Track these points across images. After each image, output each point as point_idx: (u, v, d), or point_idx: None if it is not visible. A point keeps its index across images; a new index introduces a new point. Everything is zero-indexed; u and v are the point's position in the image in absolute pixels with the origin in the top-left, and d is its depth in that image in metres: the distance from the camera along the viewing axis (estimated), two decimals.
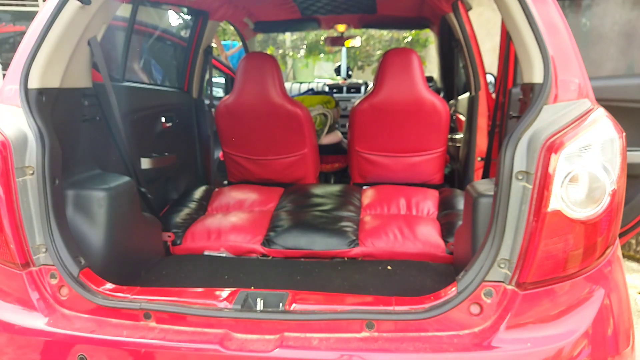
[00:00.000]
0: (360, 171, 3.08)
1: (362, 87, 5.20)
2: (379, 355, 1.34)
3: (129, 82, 2.71)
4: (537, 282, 1.34)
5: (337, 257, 2.17)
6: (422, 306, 1.39)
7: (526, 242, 1.32)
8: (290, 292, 1.51)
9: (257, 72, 2.85)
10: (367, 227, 2.29)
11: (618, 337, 1.37)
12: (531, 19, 1.41)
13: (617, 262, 1.45)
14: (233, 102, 2.92)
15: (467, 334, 1.35)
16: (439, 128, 2.87)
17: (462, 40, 2.92)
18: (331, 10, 3.69)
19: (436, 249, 2.14)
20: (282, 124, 2.92)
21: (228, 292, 1.52)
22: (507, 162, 1.35)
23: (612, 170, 1.28)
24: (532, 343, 1.30)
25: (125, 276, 1.75)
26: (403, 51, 2.86)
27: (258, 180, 3.08)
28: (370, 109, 2.89)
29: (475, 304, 1.37)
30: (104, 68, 1.93)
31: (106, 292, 1.53)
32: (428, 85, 2.87)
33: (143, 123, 2.58)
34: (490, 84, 3.46)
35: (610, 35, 2.64)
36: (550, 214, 1.28)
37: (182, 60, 3.36)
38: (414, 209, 2.54)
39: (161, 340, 1.42)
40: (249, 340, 1.39)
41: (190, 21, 3.38)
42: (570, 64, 1.39)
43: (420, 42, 10.95)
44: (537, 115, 1.36)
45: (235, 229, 2.31)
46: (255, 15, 3.84)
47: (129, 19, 2.65)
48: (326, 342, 1.36)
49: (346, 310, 1.41)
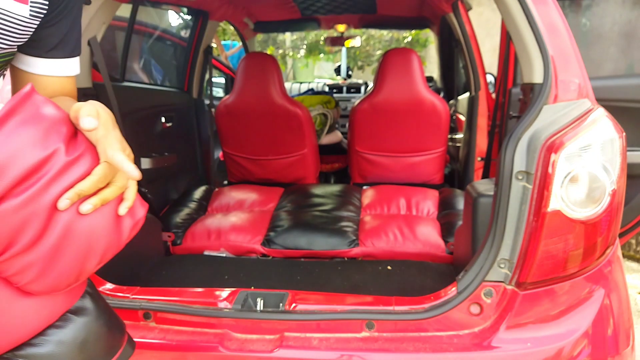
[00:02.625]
0: (360, 171, 3.08)
1: (362, 87, 5.20)
2: (379, 355, 1.34)
3: (129, 82, 2.71)
4: (537, 282, 1.34)
5: (337, 257, 2.17)
6: (422, 306, 1.40)
7: (526, 242, 1.32)
8: (290, 292, 1.51)
9: (257, 72, 2.86)
10: (367, 227, 2.29)
11: (618, 337, 1.37)
12: (531, 19, 1.41)
13: (617, 262, 1.45)
14: (233, 102, 2.92)
15: (467, 334, 1.35)
16: (439, 128, 2.88)
17: (462, 40, 2.92)
18: (331, 10, 3.69)
19: (436, 249, 2.14)
20: (282, 124, 2.92)
21: (228, 292, 1.52)
22: (507, 162, 1.35)
23: (612, 170, 1.28)
24: (532, 343, 1.30)
25: (125, 276, 1.75)
26: (403, 51, 2.86)
27: (258, 180, 3.08)
28: (370, 109, 2.89)
29: (475, 304, 1.37)
30: (104, 68, 1.93)
31: (106, 292, 1.53)
32: (428, 85, 2.87)
33: (143, 123, 2.58)
34: (490, 84, 3.46)
35: (610, 35, 2.64)
36: (550, 214, 1.28)
37: (182, 60, 3.36)
38: (414, 209, 2.54)
39: (161, 340, 1.42)
40: (249, 340, 1.39)
41: (190, 21, 3.38)
42: (570, 64, 1.39)
43: (420, 42, 10.95)
44: (537, 115, 1.36)
45: (235, 229, 2.31)
46: (255, 15, 3.84)
47: (129, 19, 2.65)
48: (326, 342, 1.36)
49: (346, 310, 1.41)
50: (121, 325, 0.88)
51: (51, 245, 0.65)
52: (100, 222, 0.69)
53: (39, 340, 0.73)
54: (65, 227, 0.66)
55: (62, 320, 0.75)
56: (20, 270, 0.66)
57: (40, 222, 0.64)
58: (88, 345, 0.77)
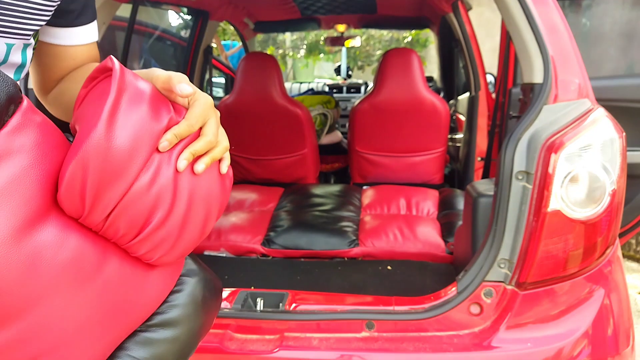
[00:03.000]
0: (360, 171, 3.08)
1: (362, 87, 5.20)
2: (379, 355, 1.34)
3: None
4: (537, 282, 1.34)
5: (337, 257, 2.17)
6: (422, 306, 1.40)
7: (526, 242, 1.32)
8: (290, 292, 1.51)
9: (257, 72, 2.85)
10: (367, 227, 2.29)
11: (618, 337, 1.37)
12: (531, 19, 1.41)
13: (617, 262, 1.45)
14: (233, 102, 2.92)
15: (467, 334, 1.35)
16: (439, 128, 2.88)
17: (462, 40, 2.92)
18: (331, 10, 3.69)
19: (436, 249, 2.14)
20: (282, 124, 2.92)
21: (228, 292, 1.52)
22: (507, 162, 1.35)
23: (612, 170, 1.28)
24: (532, 343, 1.31)
25: None
26: (403, 51, 2.86)
27: (258, 180, 3.08)
28: (370, 109, 2.89)
29: (475, 304, 1.37)
30: None
31: None
32: (428, 85, 2.87)
33: None
34: (490, 84, 3.46)
35: (610, 35, 2.64)
36: (550, 214, 1.28)
37: (182, 60, 3.36)
38: (414, 209, 2.54)
39: None
40: (249, 340, 1.39)
41: (190, 21, 3.38)
42: (570, 64, 1.39)
43: (420, 42, 10.94)
44: (537, 115, 1.36)
45: (235, 228, 2.31)
46: (255, 15, 3.84)
47: (129, 19, 2.65)
48: (326, 342, 1.36)
49: (346, 310, 1.41)
50: (213, 272, 0.92)
51: (181, 216, 0.66)
52: (212, 183, 0.71)
53: (165, 307, 0.75)
54: (190, 193, 0.66)
55: (179, 284, 0.78)
56: (154, 247, 0.66)
57: (170, 193, 0.64)
58: (206, 300, 0.82)
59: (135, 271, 0.68)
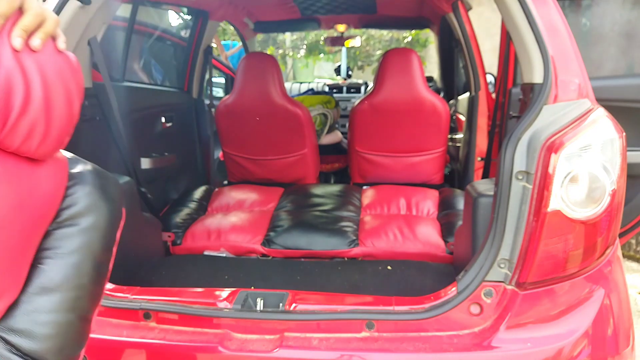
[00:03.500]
0: (360, 171, 3.08)
1: (362, 87, 5.20)
2: (379, 355, 1.34)
3: (129, 82, 2.71)
4: (537, 282, 1.34)
5: (337, 257, 2.17)
6: (422, 306, 1.39)
7: (526, 242, 1.32)
8: (290, 292, 1.51)
9: (257, 72, 2.85)
10: (367, 227, 2.29)
11: (618, 337, 1.37)
12: (531, 19, 1.41)
13: (617, 262, 1.45)
14: (233, 102, 2.92)
15: (467, 334, 1.35)
16: (439, 128, 2.88)
17: (462, 40, 2.92)
18: (331, 10, 3.69)
19: (436, 249, 2.14)
20: (282, 124, 2.92)
21: (228, 292, 1.52)
22: (507, 162, 1.35)
23: (612, 170, 1.28)
24: (532, 343, 1.31)
25: (125, 276, 1.75)
26: (403, 51, 2.86)
27: (258, 180, 3.08)
28: (370, 109, 2.89)
29: (475, 304, 1.37)
30: (104, 68, 1.93)
31: (106, 292, 1.53)
32: (428, 85, 2.87)
33: (143, 123, 2.58)
34: (490, 84, 3.46)
35: (610, 35, 2.64)
36: (550, 214, 1.28)
37: (182, 60, 3.36)
38: (414, 209, 2.54)
39: (161, 340, 1.42)
40: (249, 340, 1.39)
41: (190, 21, 3.38)
42: (570, 64, 1.39)
43: (420, 42, 10.94)
44: (537, 115, 1.36)
45: (235, 229, 2.31)
46: (255, 15, 3.84)
47: (129, 19, 2.65)
48: (326, 342, 1.36)
49: (346, 310, 1.41)
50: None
51: (40, 97, 0.67)
52: (58, 60, 0.72)
53: (68, 202, 0.77)
54: (40, 72, 0.67)
55: (73, 179, 0.80)
56: (27, 137, 0.67)
57: (19, 75, 0.65)
58: (105, 188, 0.84)
59: (20, 167, 0.69)
